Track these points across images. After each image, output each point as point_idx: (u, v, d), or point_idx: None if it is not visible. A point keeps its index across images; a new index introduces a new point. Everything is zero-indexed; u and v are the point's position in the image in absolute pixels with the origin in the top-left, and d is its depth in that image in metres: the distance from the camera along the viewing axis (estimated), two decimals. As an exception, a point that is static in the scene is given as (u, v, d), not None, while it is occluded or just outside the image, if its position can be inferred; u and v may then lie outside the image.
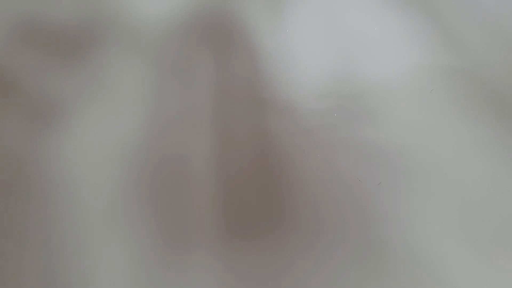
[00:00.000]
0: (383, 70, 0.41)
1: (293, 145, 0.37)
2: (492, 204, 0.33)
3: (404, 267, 0.31)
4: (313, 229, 0.33)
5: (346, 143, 0.37)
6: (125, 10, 0.48)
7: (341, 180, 0.35)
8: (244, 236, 0.33)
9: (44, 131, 0.39)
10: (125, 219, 0.33)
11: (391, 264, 0.31)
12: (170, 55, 0.44)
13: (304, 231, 0.32)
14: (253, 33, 0.45)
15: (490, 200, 0.33)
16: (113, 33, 0.46)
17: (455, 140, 0.35)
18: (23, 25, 0.47)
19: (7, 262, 0.33)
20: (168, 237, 0.32)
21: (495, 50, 0.43)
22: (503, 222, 0.32)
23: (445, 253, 0.29)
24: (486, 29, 0.44)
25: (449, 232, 0.32)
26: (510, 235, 0.31)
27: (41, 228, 0.34)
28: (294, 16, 0.46)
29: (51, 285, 0.30)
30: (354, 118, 0.38)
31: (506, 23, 0.44)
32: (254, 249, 0.32)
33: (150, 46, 0.45)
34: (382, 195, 0.34)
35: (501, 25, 0.44)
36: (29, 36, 0.46)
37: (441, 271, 0.30)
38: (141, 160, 0.37)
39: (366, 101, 0.39)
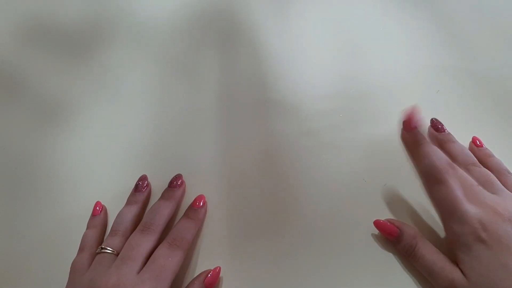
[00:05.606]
0: (389, 70, 0.41)
1: (299, 145, 0.37)
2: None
3: (410, 269, 0.30)
4: (318, 230, 0.32)
5: (351, 143, 0.37)
6: (131, 10, 0.48)
7: (346, 180, 0.35)
8: (249, 237, 0.33)
9: (52, 130, 0.40)
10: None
11: (397, 266, 0.31)
12: (176, 54, 0.44)
13: (309, 231, 0.32)
14: (259, 33, 0.45)
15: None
16: (120, 32, 0.46)
17: (462, 141, 0.35)
18: (31, 25, 0.48)
19: (13, 259, 0.33)
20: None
21: (501, 51, 0.42)
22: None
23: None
24: (493, 30, 0.44)
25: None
26: None
27: (47, 226, 0.34)
28: (300, 16, 0.46)
29: (56, 284, 0.30)
30: (360, 119, 0.38)
31: (513, 24, 0.44)
32: (259, 250, 0.32)
33: (156, 45, 0.45)
34: (387, 196, 0.34)
35: (508, 25, 0.44)
36: (36, 36, 0.47)
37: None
38: (146, 159, 0.37)
39: (372, 102, 0.39)
